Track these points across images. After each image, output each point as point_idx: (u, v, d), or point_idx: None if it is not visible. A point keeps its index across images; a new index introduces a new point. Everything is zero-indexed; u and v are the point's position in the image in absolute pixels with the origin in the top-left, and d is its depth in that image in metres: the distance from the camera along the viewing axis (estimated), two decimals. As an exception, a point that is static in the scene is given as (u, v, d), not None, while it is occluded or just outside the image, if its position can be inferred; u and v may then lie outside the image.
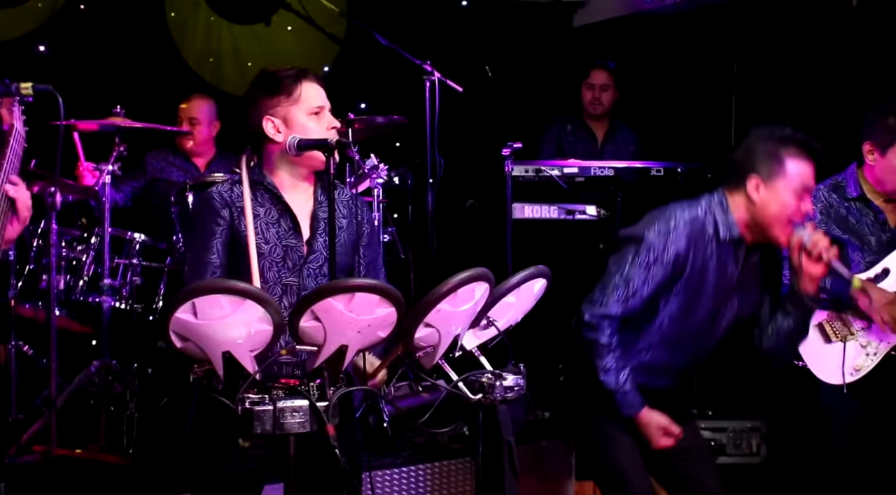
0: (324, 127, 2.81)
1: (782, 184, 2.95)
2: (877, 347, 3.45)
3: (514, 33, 6.44)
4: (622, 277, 3.01)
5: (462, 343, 2.55)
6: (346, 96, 5.64)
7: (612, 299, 3.01)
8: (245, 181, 2.78)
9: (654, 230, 3.00)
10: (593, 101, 5.64)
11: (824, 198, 3.58)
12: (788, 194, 2.94)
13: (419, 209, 5.11)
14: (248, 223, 2.71)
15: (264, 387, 2.28)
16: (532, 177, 4.96)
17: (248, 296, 2.25)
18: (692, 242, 2.99)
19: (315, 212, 2.85)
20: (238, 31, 5.93)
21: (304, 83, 2.82)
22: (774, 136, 3.00)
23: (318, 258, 2.81)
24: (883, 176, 3.50)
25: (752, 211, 2.99)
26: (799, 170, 2.95)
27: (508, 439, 2.49)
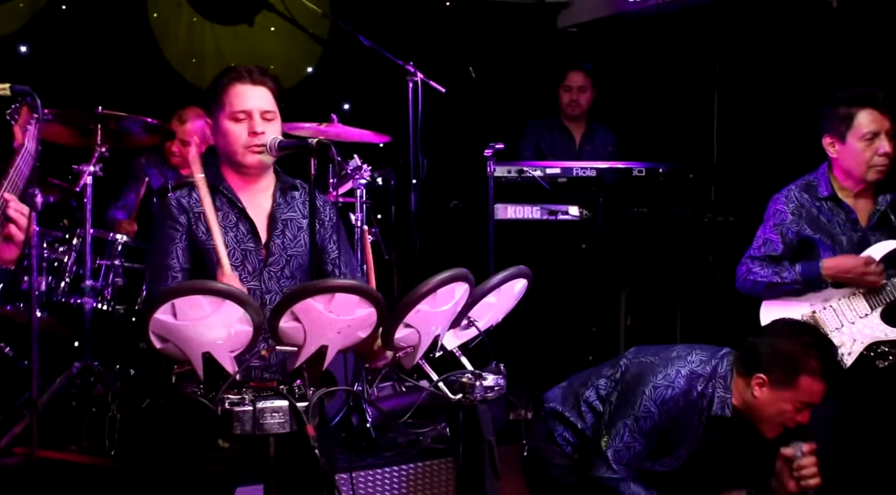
0: (243, 133, 2.76)
1: (787, 395, 2.97)
2: (850, 348, 3.48)
3: (497, 34, 6.44)
4: (622, 441, 3.06)
5: (442, 343, 2.56)
6: (329, 97, 5.65)
7: (616, 462, 3.05)
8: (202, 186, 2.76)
9: (653, 398, 3.03)
10: (571, 103, 5.67)
11: (796, 198, 3.60)
12: (789, 406, 2.97)
13: (402, 210, 5.12)
14: (214, 227, 2.69)
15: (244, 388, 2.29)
16: (515, 178, 4.97)
17: (227, 297, 2.26)
18: (686, 410, 3.03)
19: (273, 213, 2.84)
20: (221, 32, 5.91)
21: (231, 86, 2.80)
22: (800, 339, 3.00)
23: (279, 260, 2.79)
24: (848, 164, 3.53)
25: (748, 402, 3.02)
26: (810, 388, 2.97)
27: (489, 438, 2.50)
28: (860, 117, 3.48)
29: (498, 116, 6.08)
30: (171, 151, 5.02)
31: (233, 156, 2.80)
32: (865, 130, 3.46)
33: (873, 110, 3.47)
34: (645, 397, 3.02)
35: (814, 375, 2.94)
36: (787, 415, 2.95)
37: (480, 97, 6.09)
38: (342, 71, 5.92)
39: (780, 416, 2.96)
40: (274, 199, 2.86)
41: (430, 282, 2.32)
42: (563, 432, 3.25)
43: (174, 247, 2.75)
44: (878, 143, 3.45)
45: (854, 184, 3.55)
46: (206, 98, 2.89)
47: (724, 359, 3.07)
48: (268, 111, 2.81)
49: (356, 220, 4.68)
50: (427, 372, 2.53)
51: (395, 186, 5.20)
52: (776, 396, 2.95)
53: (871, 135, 3.46)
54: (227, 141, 2.79)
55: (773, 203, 3.64)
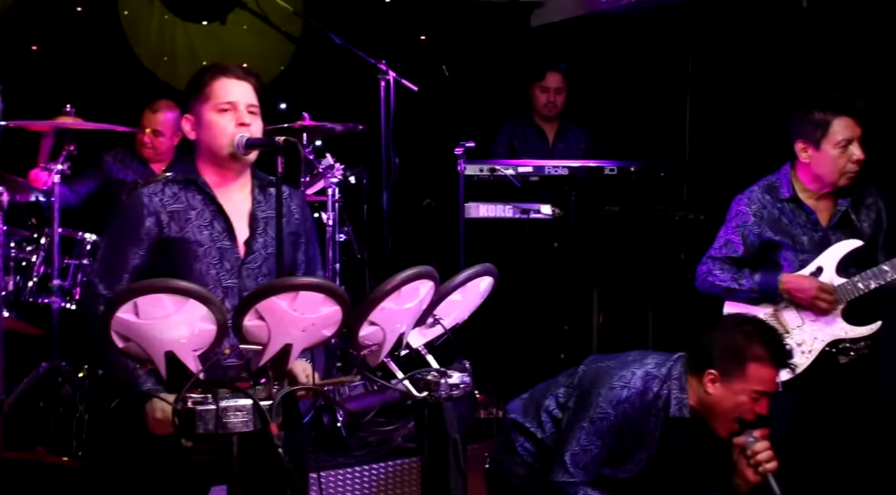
0: (230, 124, 2.76)
1: (739, 386, 2.95)
2: (811, 345, 3.50)
3: (471, 33, 6.45)
4: (579, 444, 3.05)
5: (408, 341, 2.56)
6: (302, 95, 5.63)
7: (574, 467, 3.04)
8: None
9: (609, 399, 3.02)
10: (548, 104, 5.68)
11: (758, 199, 3.62)
12: (743, 397, 2.95)
13: (374, 209, 5.11)
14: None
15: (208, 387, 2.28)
16: (487, 177, 4.98)
17: (190, 296, 2.24)
18: (643, 412, 3.02)
19: (254, 212, 2.83)
20: (193, 30, 5.89)
21: (216, 80, 2.79)
22: (741, 329, 3.01)
23: (258, 258, 2.80)
24: (820, 170, 3.54)
25: (704, 400, 3.01)
26: (760, 375, 2.96)
27: (454, 436, 2.49)
28: (836, 124, 3.49)
29: (471, 115, 6.09)
30: (142, 143, 4.99)
31: (219, 151, 2.78)
32: (840, 138, 3.48)
33: (848, 118, 3.49)
34: (601, 399, 3.02)
35: (761, 361, 2.94)
36: (744, 408, 2.95)
37: (453, 96, 6.10)
38: (315, 69, 5.91)
39: (737, 410, 2.95)
40: (253, 197, 2.85)
41: (394, 280, 2.32)
42: (524, 442, 3.24)
43: (133, 247, 2.74)
44: (851, 150, 3.48)
45: (820, 188, 3.58)
46: (187, 93, 2.87)
47: (677, 362, 3.07)
48: (253, 105, 2.82)
49: (328, 219, 4.68)
50: (392, 371, 2.52)
51: (368, 185, 5.19)
52: (729, 389, 2.95)
53: (846, 142, 3.48)
54: (212, 134, 2.78)
55: (736, 204, 3.66)
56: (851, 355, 3.52)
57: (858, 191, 3.62)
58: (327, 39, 5.04)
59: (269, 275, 2.79)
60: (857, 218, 3.59)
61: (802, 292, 3.48)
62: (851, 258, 3.52)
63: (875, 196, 3.64)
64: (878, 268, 3.45)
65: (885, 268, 3.44)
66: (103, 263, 2.82)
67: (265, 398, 2.25)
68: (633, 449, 3.05)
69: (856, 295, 3.47)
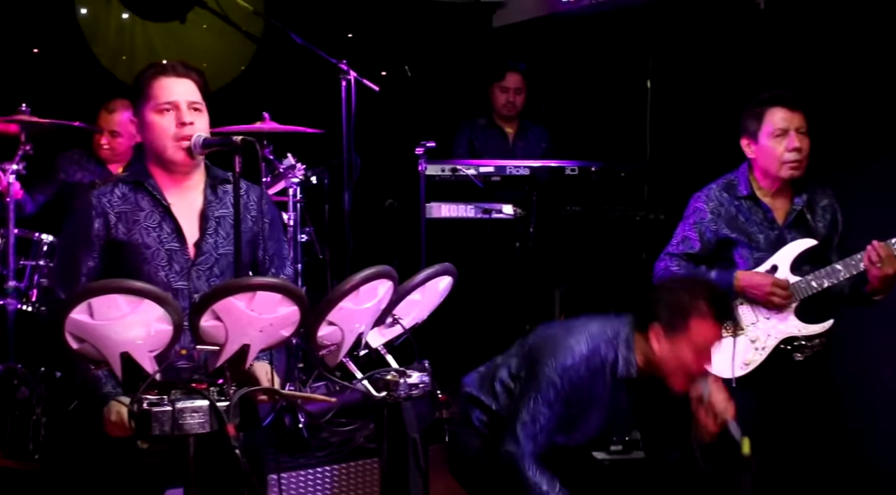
0: (172, 124, 2.72)
1: (684, 341, 3.00)
2: (765, 342, 3.54)
3: (433, 33, 6.45)
4: (529, 414, 3.06)
5: (367, 341, 2.55)
6: (262, 95, 5.59)
7: (523, 436, 3.04)
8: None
9: (555, 367, 3.04)
10: (507, 104, 5.71)
11: (716, 197, 3.65)
12: (688, 352, 3.00)
13: (336, 209, 5.10)
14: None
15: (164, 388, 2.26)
16: (448, 177, 4.98)
17: (146, 296, 2.22)
18: (590, 377, 3.04)
19: (204, 212, 2.80)
20: (152, 29, 5.83)
21: (155, 79, 2.77)
22: (686, 286, 3.06)
23: (209, 259, 2.77)
24: (763, 163, 3.59)
25: (650, 357, 3.06)
26: (703, 331, 3.00)
27: (413, 436, 2.49)
28: (769, 115, 3.55)
29: (433, 115, 6.09)
30: (99, 144, 4.93)
31: (161, 152, 2.75)
32: (774, 127, 3.53)
33: (782, 108, 3.54)
34: (548, 368, 3.03)
35: (703, 317, 2.98)
36: (689, 363, 2.99)
37: (415, 96, 6.09)
38: (276, 69, 5.88)
39: (683, 366, 2.99)
40: (205, 196, 2.82)
41: (352, 280, 2.31)
42: (479, 415, 3.26)
43: (85, 249, 2.71)
44: (788, 140, 3.52)
45: (771, 183, 3.62)
46: (132, 95, 2.84)
47: (623, 322, 3.11)
48: (195, 102, 2.78)
49: (289, 219, 4.66)
50: (351, 371, 2.51)
51: (329, 185, 5.17)
52: (673, 345, 2.99)
53: (781, 131, 3.52)
54: (154, 135, 2.74)
55: (694, 201, 3.70)
56: (806, 352, 3.56)
57: (815, 192, 3.66)
58: (288, 39, 5.02)
59: (221, 277, 2.76)
60: (813, 218, 3.63)
61: (757, 288, 3.52)
62: (806, 257, 3.55)
63: (831, 198, 3.68)
64: (832, 267, 3.49)
65: (839, 267, 3.48)
66: (59, 268, 2.81)
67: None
68: (585, 414, 3.08)
69: (809, 293, 3.51)
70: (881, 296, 3.50)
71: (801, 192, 3.63)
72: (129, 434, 2.30)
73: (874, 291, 3.48)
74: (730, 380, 3.54)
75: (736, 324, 3.34)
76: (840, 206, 3.68)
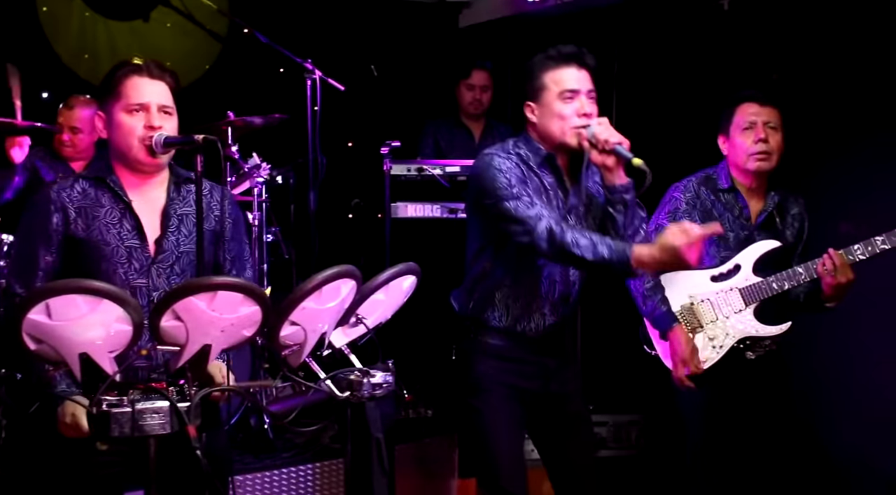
0: (139, 126, 2.72)
1: (547, 97, 3.05)
2: (723, 340, 3.57)
3: (399, 33, 6.44)
4: (509, 212, 3.01)
5: (330, 340, 2.54)
6: (227, 94, 5.56)
7: (528, 223, 2.97)
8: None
9: (491, 185, 3.03)
10: (474, 102, 5.71)
11: (693, 189, 3.69)
12: (556, 103, 3.03)
13: (302, 208, 5.08)
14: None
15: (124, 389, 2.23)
16: (414, 177, 4.97)
17: (105, 296, 2.20)
18: (518, 167, 3.07)
19: (167, 209, 2.79)
20: (115, 28, 5.77)
21: (129, 78, 2.75)
22: (533, 61, 3.11)
23: (169, 257, 2.75)
24: (735, 158, 3.64)
25: (540, 132, 3.10)
26: (555, 77, 3.05)
27: (377, 436, 2.48)
28: (739, 110, 3.61)
29: (399, 115, 6.08)
30: (61, 142, 4.87)
31: (126, 151, 2.73)
32: (743, 121, 3.59)
33: (751, 103, 3.60)
34: (487, 190, 3.04)
35: (550, 67, 3.05)
36: (563, 114, 3.02)
37: (382, 95, 6.08)
38: (241, 68, 5.84)
39: (560, 120, 3.03)
40: (168, 194, 2.80)
41: (314, 279, 2.30)
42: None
43: (43, 244, 2.68)
44: (754, 132, 3.57)
45: (744, 179, 3.66)
46: (100, 90, 2.82)
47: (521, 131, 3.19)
48: (166, 106, 2.77)
49: (254, 219, 4.63)
50: (315, 371, 2.50)
51: (295, 185, 5.15)
52: (543, 106, 3.06)
53: (749, 124, 3.58)
54: (120, 134, 2.73)
55: (671, 190, 3.72)
56: (759, 351, 3.60)
57: (787, 199, 3.71)
58: (253, 38, 4.99)
59: (182, 275, 2.75)
60: (782, 223, 3.67)
61: (674, 354, 3.52)
62: (768, 259, 3.58)
63: (802, 207, 3.72)
64: (793, 269, 3.52)
65: (800, 270, 3.51)
66: (17, 262, 2.77)
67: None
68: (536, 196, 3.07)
69: (769, 294, 3.54)
70: (834, 304, 3.53)
71: (774, 195, 3.67)
72: (85, 435, 2.27)
73: (827, 299, 3.51)
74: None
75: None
76: (808, 216, 3.73)
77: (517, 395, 3.15)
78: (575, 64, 3.06)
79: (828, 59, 4.77)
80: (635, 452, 4.87)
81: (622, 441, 4.90)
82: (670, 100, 5.50)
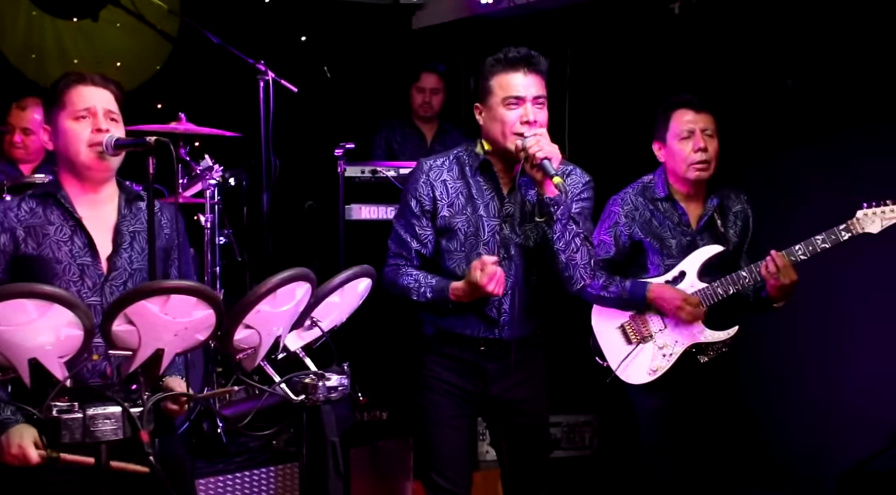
0: (86, 131, 2.67)
1: (492, 101, 3.07)
2: (672, 348, 3.60)
3: (353, 34, 6.42)
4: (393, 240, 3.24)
5: (285, 344, 2.52)
6: (179, 96, 5.51)
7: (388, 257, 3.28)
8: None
9: (406, 194, 3.22)
10: (424, 104, 5.72)
11: (631, 200, 3.69)
12: (500, 108, 3.05)
13: (255, 211, 5.04)
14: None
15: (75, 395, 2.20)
16: (368, 178, 4.96)
17: (55, 300, 2.16)
18: (445, 173, 3.16)
19: (118, 226, 2.74)
20: (63, 27, 5.68)
21: (73, 88, 2.71)
22: (485, 62, 3.13)
23: (122, 274, 2.70)
24: (672, 166, 3.65)
25: (486, 135, 3.14)
26: (502, 81, 3.06)
27: (332, 439, 2.47)
28: (675, 118, 3.61)
29: (353, 116, 6.06)
30: (12, 143, 4.77)
31: (75, 157, 2.68)
32: (680, 129, 3.59)
33: (687, 110, 3.60)
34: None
35: (499, 71, 3.06)
36: (505, 119, 3.04)
37: (335, 97, 6.06)
38: (193, 69, 5.78)
39: (504, 125, 3.05)
40: (119, 211, 2.76)
41: (269, 282, 2.28)
42: None
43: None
44: (693, 141, 3.58)
45: (682, 186, 3.67)
46: (45, 103, 2.78)
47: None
48: (112, 111, 2.73)
49: (206, 222, 4.59)
50: (269, 374, 2.48)
51: (248, 187, 5.11)
52: (490, 111, 3.09)
53: (687, 133, 3.58)
54: (67, 140, 2.68)
55: (610, 205, 3.73)
56: (711, 354, 3.63)
57: (728, 197, 3.72)
58: (205, 39, 4.95)
59: None
60: (724, 224, 3.68)
61: (668, 302, 3.56)
62: (714, 263, 3.60)
63: (744, 203, 3.73)
64: (737, 273, 3.55)
65: (744, 274, 3.54)
66: None
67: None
68: (462, 214, 3.16)
69: (715, 300, 3.56)
70: (781, 304, 3.56)
71: (713, 197, 3.69)
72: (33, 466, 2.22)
73: (774, 299, 3.54)
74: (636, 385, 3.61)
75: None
76: (753, 211, 3.76)
77: (457, 393, 3.22)
78: (523, 68, 3.06)
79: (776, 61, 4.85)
80: (589, 453, 4.91)
81: (576, 442, 4.93)
82: (623, 103, 5.55)
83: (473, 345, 3.20)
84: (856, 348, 4.57)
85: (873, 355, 4.50)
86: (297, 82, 4.95)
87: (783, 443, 4.72)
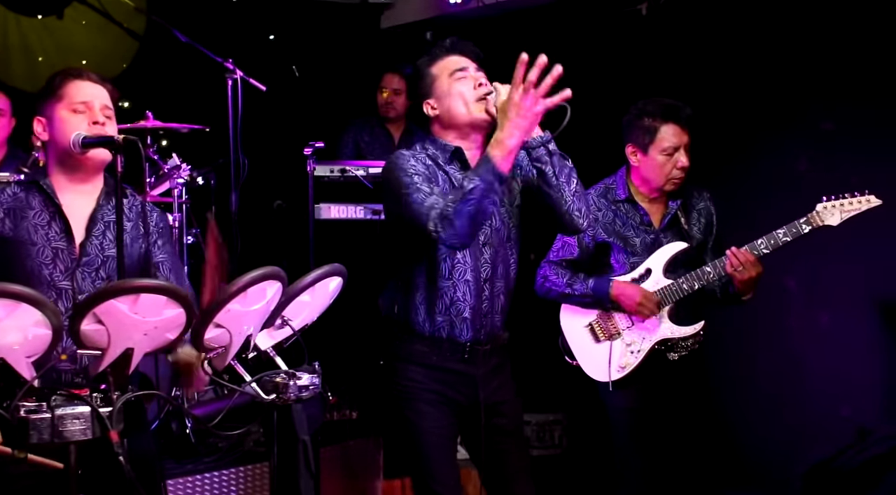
0: (83, 123, 2.74)
1: (440, 85, 3.03)
2: (640, 346, 3.63)
3: (321, 33, 6.41)
4: (409, 201, 2.93)
5: (256, 343, 2.51)
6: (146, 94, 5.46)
7: (422, 208, 2.88)
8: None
9: (399, 178, 2.95)
10: (386, 105, 5.74)
11: (594, 202, 3.70)
12: (452, 86, 3.01)
13: (223, 210, 5.00)
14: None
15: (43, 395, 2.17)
16: (337, 178, 4.95)
17: (22, 300, 2.14)
18: (423, 161, 3.01)
19: (94, 215, 2.79)
20: (27, 25, 5.61)
21: (71, 82, 2.79)
22: (419, 62, 3.13)
23: (94, 260, 2.76)
24: (648, 174, 3.67)
25: (445, 124, 3.05)
26: (442, 65, 3.05)
27: (304, 439, 2.46)
28: (663, 131, 3.60)
29: (321, 115, 6.05)
30: None
31: (71, 147, 2.71)
32: (667, 144, 3.59)
33: (676, 125, 3.59)
34: (394, 182, 2.98)
35: (437, 55, 3.07)
36: (463, 90, 3.01)
37: (304, 96, 6.04)
38: (160, 68, 5.74)
39: (462, 96, 3.01)
40: (98, 202, 2.81)
41: (239, 281, 2.28)
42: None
43: None
44: (677, 157, 3.59)
45: (650, 191, 3.70)
46: (40, 96, 2.83)
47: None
48: (108, 107, 2.81)
49: (174, 221, 4.56)
50: (240, 373, 2.47)
51: (216, 186, 5.08)
52: (442, 97, 3.03)
53: (672, 149, 3.59)
54: (63, 131, 2.73)
55: None
56: (681, 351, 3.66)
57: (691, 195, 3.75)
58: (172, 37, 4.91)
59: (107, 279, 2.75)
60: (688, 221, 3.71)
61: (627, 299, 3.59)
62: (680, 259, 3.64)
63: (707, 201, 3.77)
64: (701, 269, 3.58)
65: (708, 268, 3.57)
66: None
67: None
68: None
69: (680, 295, 3.60)
70: (749, 296, 3.60)
71: (676, 196, 3.72)
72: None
73: (740, 292, 3.58)
74: (606, 384, 3.63)
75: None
76: (716, 208, 3.79)
77: (446, 402, 3.07)
78: (457, 52, 3.08)
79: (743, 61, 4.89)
80: (559, 451, 4.93)
81: (545, 440, 4.96)
82: (589, 103, 5.56)
83: (460, 349, 3.04)
84: (822, 347, 4.62)
85: (840, 353, 4.55)
86: (265, 81, 4.93)
87: (752, 442, 4.77)
